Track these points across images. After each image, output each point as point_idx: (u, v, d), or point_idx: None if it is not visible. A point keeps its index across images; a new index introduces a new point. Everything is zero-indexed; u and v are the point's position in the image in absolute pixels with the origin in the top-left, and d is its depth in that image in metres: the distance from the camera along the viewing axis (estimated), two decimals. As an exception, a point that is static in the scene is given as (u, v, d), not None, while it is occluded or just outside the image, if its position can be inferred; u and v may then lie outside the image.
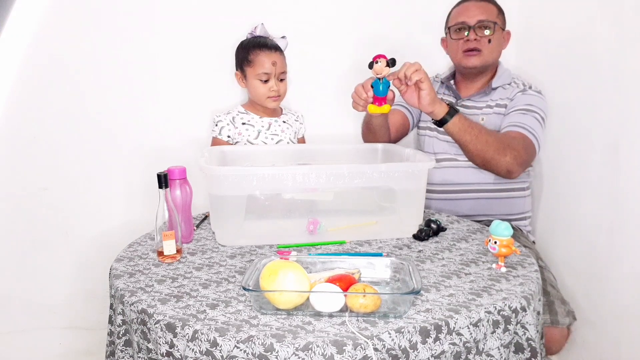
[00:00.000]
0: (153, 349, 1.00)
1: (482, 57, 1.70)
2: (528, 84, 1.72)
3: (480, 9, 1.69)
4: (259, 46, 1.69)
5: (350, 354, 0.89)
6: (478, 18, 1.67)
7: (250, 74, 1.69)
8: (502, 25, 1.71)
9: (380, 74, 1.40)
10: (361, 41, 1.99)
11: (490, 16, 1.68)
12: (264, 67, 1.67)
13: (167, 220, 1.23)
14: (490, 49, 1.69)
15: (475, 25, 1.67)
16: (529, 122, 1.63)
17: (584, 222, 1.66)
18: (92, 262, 1.92)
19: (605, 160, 1.55)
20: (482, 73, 1.76)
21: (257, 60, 1.68)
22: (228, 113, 1.75)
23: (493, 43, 1.68)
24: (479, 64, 1.71)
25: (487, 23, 1.67)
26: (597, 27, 1.58)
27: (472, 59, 1.70)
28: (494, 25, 1.67)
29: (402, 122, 1.89)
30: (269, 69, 1.67)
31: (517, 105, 1.67)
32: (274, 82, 1.69)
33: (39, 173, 1.86)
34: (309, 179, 1.31)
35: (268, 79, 1.68)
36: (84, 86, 1.84)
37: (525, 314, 1.06)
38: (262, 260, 1.10)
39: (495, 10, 1.71)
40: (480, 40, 1.68)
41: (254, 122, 1.73)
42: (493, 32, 1.67)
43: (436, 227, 1.39)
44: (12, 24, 1.75)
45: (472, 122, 1.59)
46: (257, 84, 1.69)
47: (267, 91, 1.68)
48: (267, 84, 1.68)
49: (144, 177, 1.73)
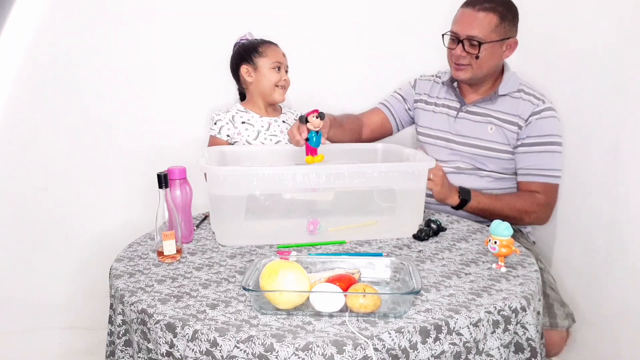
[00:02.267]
0: (153, 349, 1.00)
1: (471, 72, 1.63)
2: (540, 95, 1.65)
3: (474, 21, 1.58)
4: (265, 42, 1.76)
5: (350, 354, 0.89)
6: (468, 33, 1.58)
7: (264, 63, 1.72)
8: (500, 37, 1.59)
9: (317, 127, 1.48)
10: (361, 42, 1.99)
11: (482, 31, 1.57)
12: (277, 57, 1.73)
13: (167, 220, 1.23)
14: (479, 65, 1.61)
15: (464, 40, 1.59)
16: (549, 164, 1.62)
17: (584, 223, 1.65)
18: (92, 262, 1.92)
19: (605, 161, 1.55)
20: (481, 82, 1.70)
21: (268, 51, 1.73)
22: (227, 111, 1.75)
23: (482, 59, 1.60)
24: (468, 78, 1.65)
25: (478, 40, 1.57)
26: (597, 27, 1.58)
27: (460, 73, 1.65)
28: (485, 44, 1.57)
29: (381, 123, 1.86)
30: (282, 59, 1.74)
31: (534, 137, 1.62)
32: (283, 72, 1.74)
33: (39, 173, 1.86)
34: (309, 179, 1.31)
35: (281, 67, 1.73)
36: (84, 86, 1.84)
37: (525, 314, 1.06)
38: (262, 260, 1.10)
39: (496, 20, 1.57)
40: (467, 56, 1.60)
41: (254, 122, 1.73)
42: (479, 51, 1.58)
43: (436, 227, 1.39)
44: (12, 24, 1.75)
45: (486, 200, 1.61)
46: (270, 73, 1.72)
47: (279, 79, 1.73)
48: (280, 72, 1.73)
49: (144, 177, 1.73)
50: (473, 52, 1.60)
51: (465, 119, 1.71)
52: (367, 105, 1.94)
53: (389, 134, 1.89)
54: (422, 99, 1.82)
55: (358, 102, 1.95)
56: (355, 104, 1.94)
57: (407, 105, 1.86)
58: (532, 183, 1.65)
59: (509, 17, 1.61)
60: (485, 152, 1.67)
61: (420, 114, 1.83)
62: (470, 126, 1.70)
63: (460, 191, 1.60)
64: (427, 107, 1.81)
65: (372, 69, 2.02)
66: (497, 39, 1.60)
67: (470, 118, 1.71)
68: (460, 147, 1.71)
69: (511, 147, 1.66)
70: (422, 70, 1.91)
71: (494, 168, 1.68)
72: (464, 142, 1.70)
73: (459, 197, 1.59)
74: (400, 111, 1.87)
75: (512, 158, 1.67)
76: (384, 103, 1.89)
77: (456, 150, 1.71)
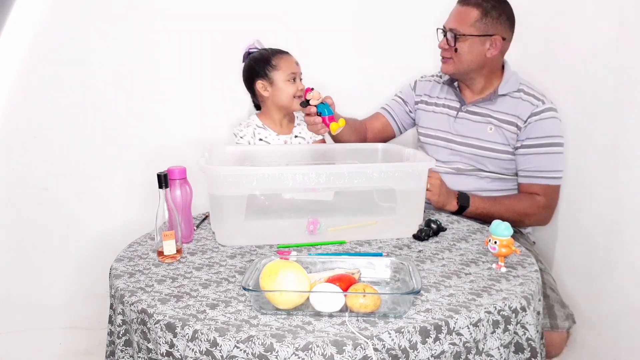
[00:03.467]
0: (153, 349, 1.00)
1: (454, 65, 1.65)
2: (540, 96, 1.65)
3: (458, 15, 1.63)
4: (277, 52, 1.72)
5: (350, 354, 0.89)
6: (450, 26, 1.63)
7: (279, 77, 1.69)
8: (480, 32, 1.61)
9: (318, 99, 1.53)
10: (360, 42, 1.99)
11: (462, 25, 1.61)
12: (291, 67, 1.70)
13: (167, 220, 1.23)
14: (458, 58, 1.63)
15: (447, 32, 1.64)
16: (550, 165, 1.63)
17: (584, 223, 1.65)
18: (92, 262, 1.92)
19: (606, 161, 1.55)
20: (471, 79, 1.70)
21: (282, 63, 1.69)
22: (248, 125, 1.73)
23: (460, 52, 1.62)
24: (451, 72, 1.68)
25: (455, 32, 1.62)
26: (597, 27, 1.58)
27: (444, 65, 1.68)
28: (462, 36, 1.61)
29: (382, 128, 1.87)
30: (295, 69, 1.71)
31: (533, 139, 1.62)
32: (299, 82, 1.72)
33: (39, 173, 1.86)
34: (309, 179, 1.31)
35: (295, 77, 1.71)
36: (84, 86, 1.84)
37: (525, 314, 1.06)
38: (262, 260, 1.10)
39: (476, 14, 1.61)
40: (449, 49, 1.64)
41: (271, 139, 1.72)
42: (455, 42, 1.61)
43: (436, 227, 1.39)
44: (12, 23, 1.75)
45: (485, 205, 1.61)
46: (287, 85, 1.69)
47: (296, 89, 1.70)
48: (295, 83, 1.71)
49: (144, 177, 1.73)
50: (452, 44, 1.63)
51: (465, 119, 1.71)
52: (367, 106, 1.94)
53: (392, 137, 1.90)
54: (422, 100, 1.82)
55: (358, 103, 1.95)
56: (355, 105, 1.93)
57: (408, 108, 1.87)
58: (533, 185, 1.65)
59: (493, 14, 1.62)
60: (485, 152, 1.67)
61: (421, 115, 1.83)
62: (470, 126, 1.70)
63: (459, 197, 1.61)
64: (428, 107, 1.81)
65: (371, 69, 2.02)
66: (477, 33, 1.61)
67: (470, 118, 1.71)
68: (460, 148, 1.71)
69: (511, 148, 1.65)
70: (421, 70, 1.91)
71: (494, 168, 1.68)
72: (464, 143, 1.70)
73: (457, 203, 1.60)
74: (402, 114, 1.87)
75: (512, 158, 1.67)
76: (385, 107, 1.89)
77: (456, 151, 1.71)
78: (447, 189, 1.60)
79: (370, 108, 1.93)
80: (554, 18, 1.77)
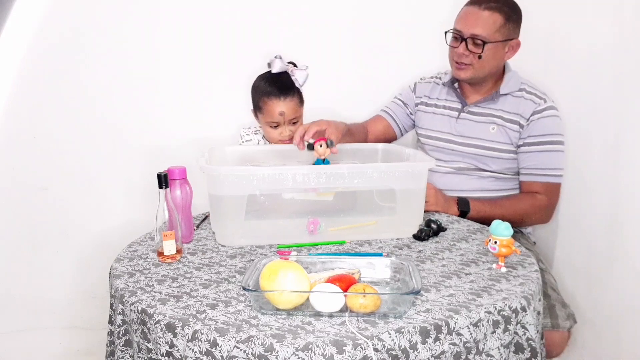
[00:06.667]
0: (153, 349, 1.00)
1: (473, 71, 1.62)
2: (541, 94, 1.65)
3: (479, 20, 1.57)
4: (268, 94, 1.62)
5: (350, 354, 0.89)
6: (472, 32, 1.57)
7: (261, 119, 1.67)
8: (504, 38, 1.58)
9: (322, 155, 1.49)
10: (360, 43, 1.99)
11: (487, 31, 1.56)
12: (272, 117, 1.62)
13: (167, 220, 1.23)
14: (481, 64, 1.60)
15: (467, 38, 1.58)
16: (551, 163, 1.62)
17: (585, 223, 1.65)
18: (92, 262, 1.92)
19: (605, 160, 1.55)
20: (482, 82, 1.69)
21: (266, 108, 1.63)
22: (256, 132, 1.73)
23: (484, 58, 1.59)
24: (469, 78, 1.65)
25: (482, 39, 1.56)
26: (597, 27, 1.58)
27: (461, 72, 1.64)
28: (489, 43, 1.57)
29: (384, 130, 1.87)
30: (277, 119, 1.63)
31: (535, 137, 1.62)
32: (284, 128, 1.64)
33: (39, 173, 1.86)
34: (309, 179, 1.31)
35: (278, 125, 1.64)
36: (84, 86, 1.84)
37: (525, 314, 1.06)
38: (262, 260, 1.10)
39: (501, 20, 1.57)
40: (469, 55, 1.59)
41: None
42: (482, 50, 1.57)
43: (436, 227, 1.39)
44: (12, 23, 1.75)
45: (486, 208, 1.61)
46: (268, 129, 1.66)
47: (278, 135, 1.65)
48: (278, 129, 1.64)
49: (144, 177, 1.73)
50: (476, 51, 1.59)
51: (467, 119, 1.71)
52: (367, 108, 1.94)
53: (393, 139, 1.90)
54: (422, 102, 1.82)
55: (358, 105, 1.95)
56: (355, 106, 1.94)
57: (408, 110, 1.86)
58: (534, 183, 1.65)
59: (514, 18, 1.61)
60: (488, 152, 1.67)
61: (421, 117, 1.82)
62: (472, 126, 1.70)
63: (459, 202, 1.61)
64: (428, 109, 1.80)
65: (372, 71, 2.01)
66: (501, 39, 1.59)
67: (472, 118, 1.70)
68: (462, 148, 1.71)
69: (514, 147, 1.65)
70: (421, 70, 1.91)
71: (497, 168, 1.68)
72: (466, 143, 1.70)
73: (457, 209, 1.60)
74: (402, 116, 1.87)
75: (515, 158, 1.67)
76: (386, 110, 1.89)
77: (458, 151, 1.71)
78: (443, 196, 1.60)
79: (371, 109, 1.93)
80: (554, 18, 1.77)
